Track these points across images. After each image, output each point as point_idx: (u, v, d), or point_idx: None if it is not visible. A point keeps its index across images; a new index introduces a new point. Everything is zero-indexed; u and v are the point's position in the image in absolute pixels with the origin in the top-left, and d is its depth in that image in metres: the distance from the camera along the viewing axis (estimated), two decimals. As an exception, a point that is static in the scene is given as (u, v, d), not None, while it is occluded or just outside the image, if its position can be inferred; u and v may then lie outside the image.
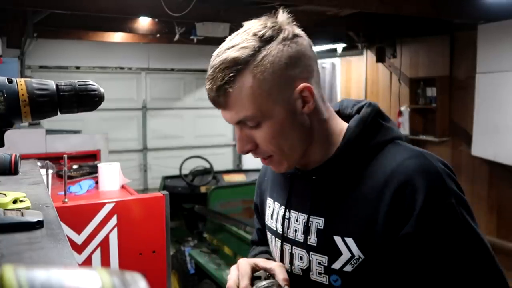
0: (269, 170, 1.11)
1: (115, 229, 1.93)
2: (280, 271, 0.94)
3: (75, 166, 2.91)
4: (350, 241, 0.88)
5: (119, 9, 4.35)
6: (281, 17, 0.89)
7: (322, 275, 0.92)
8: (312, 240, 0.94)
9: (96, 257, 1.90)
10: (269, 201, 1.08)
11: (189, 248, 4.83)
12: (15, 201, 0.84)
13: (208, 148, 7.99)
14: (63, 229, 0.76)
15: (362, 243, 0.87)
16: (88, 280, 0.36)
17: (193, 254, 4.43)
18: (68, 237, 0.80)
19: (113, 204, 1.93)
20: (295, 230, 0.97)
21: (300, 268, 0.96)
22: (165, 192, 2.02)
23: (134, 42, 6.84)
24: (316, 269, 0.93)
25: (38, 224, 0.75)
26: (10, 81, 0.70)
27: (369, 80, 6.84)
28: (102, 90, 0.78)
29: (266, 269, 0.96)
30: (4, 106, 0.69)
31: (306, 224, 0.95)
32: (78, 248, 1.86)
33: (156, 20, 5.49)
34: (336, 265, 0.90)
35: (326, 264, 0.91)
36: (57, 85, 0.74)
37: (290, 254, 0.98)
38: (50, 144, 3.78)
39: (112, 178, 2.36)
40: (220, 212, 4.80)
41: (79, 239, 1.87)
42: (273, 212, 1.05)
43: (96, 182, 2.45)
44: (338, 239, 0.89)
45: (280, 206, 1.03)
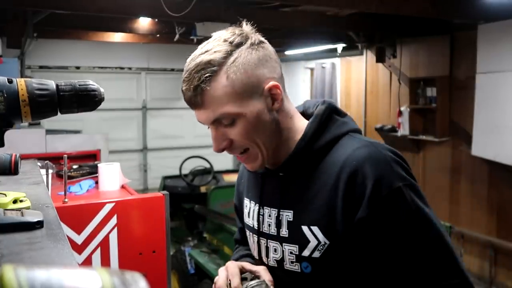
0: (245, 173, 1.19)
1: (115, 229, 1.93)
2: (265, 273, 1.04)
3: (75, 166, 2.90)
4: (315, 229, 0.96)
5: (119, 9, 4.35)
6: (246, 28, 0.98)
7: (294, 263, 1.00)
8: (284, 232, 1.02)
9: (96, 257, 1.90)
10: (246, 201, 1.16)
11: (189, 248, 4.83)
12: (15, 201, 0.84)
13: (208, 148, 7.93)
14: (63, 229, 0.76)
15: (326, 229, 0.95)
16: (88, 280, 0.36)
17: (193, 254, 4.43)
18: (68, 237, 0.80)
19: (113, 204, 1.93)
20: (269, 225, 1.06)
21: (275, 259, 1.05)
22: (165, 192, 2.02)
23: (134, 42, 6.84)
24: (289, 258, 1.01)
25: (38, 224, 0.75)
26: (10, 81, 0.70)
27: (369, 80, 6.84)
28: (102, 90, 0.78)
29: (252, 271, 1.05)
30: (4, 106, 0.69)
31: (277, 217, 1.03)
32: (78, 248, 1.86)
33: (156, 20, 5.49)
34: (306, 253, 0.97)
35: (297, 253, 0.99)
36: (57, 85, 0.74)
37: (266, 248, 1.07)
38: (50, 144, 3.78)
39: (112, 178, 2.36)
40: (220, 212, 4.81)
41: (79, 239, 1.87)
42: (250, 211, 1.13)
43: (96, 182, 2.45)
44: (305, 228, 0.97)
45: (255, 204, 1.11)
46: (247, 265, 1.07)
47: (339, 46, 6.84)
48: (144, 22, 5.67)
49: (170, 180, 6.20)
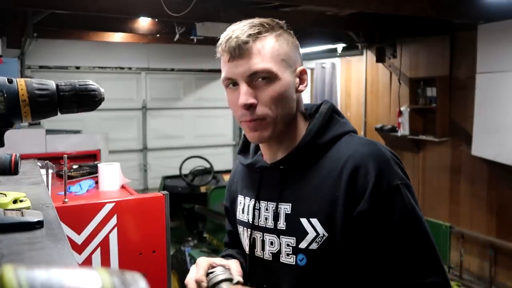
0: (238, 172, 1.23)
1: (115, 229, 1.93)
2: (235, 266, 1.07)
3: (75, 166, 2.90)
4: (315, 221, 0.99)
5: (119, 9, 4.35)
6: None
7: (290, 256, 1.03)
8: (282, 224, 1.04)
9: (96, 257, 1.90)
10: (240, 198, 1.18)
11: (189, 248, 4.83)
12: (15, 201, 0.84)
13: (208, 148, 7.99)
14: (63, 229, 0.76)
15: (326, 222, 0.98)
16: (89, 280, 0.36)
17: (193, 254, 4.43)
18: (68, 237, 0.80)
19: (113, 204, 1.93)
20: (265, 218, 1.08)
21: (271, 252, 1.07)
22: (165, 192, 2.02)
23: (134, 42, 6.84)
24: (285, 251, 1.04)
25: (38, 224, 0.75)
26: (10, 81, 0.70)
27: (369, 80, 6.84)
28: (102, 90, 0.78)
29: (223, 265, 1.06)
30: (4, 106, 0.69)
31: (275, 211, 1.06)
32: (78, 248, 1.86)
33: (156, 20, 5.49)
34: (303, 244, 1.00)
35: (294, 245, 1.02)
36: (57, 85, 0.74)
37: (262, 241, 1.09)
38: (50, 144, 3.78)
39: (112, 178, 2.36)
40: (220, 212, 4.80)
41: (79, 239, 1.87)
42: (244, 207, 1.16)
43: (96, 182, 2.45)
44: (304, 221, 1.00)
45: (250, 199, 1.13)
46: (218, 260, 1.09)
47: (339, 46, 6.84)
48: (144, 22, 5.67)
49: (170, 180, 6.21)
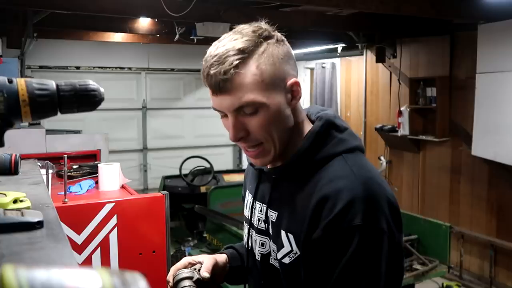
0: (249, 167, 1.24)
1: (115, 229, 1.93)
2: (207, 261, 1.12)
3: (75, 166, 2.90)
4: (291, 237, 1.00)
5: (119, 9, 4.34)
6: (267, 25, 1.00)
7: (275, 260, 1.05)
8: (270, 230, 1.07)
9: (96, 257, 1.90)
10: (247, 194, 1.22)
11: (189, 248, 4.83)
12: (15, 201, 0.84)
13: (208, 148, 7.99)
14: (63, 229, 0.76)
15: (299, 240, 0.98)
16: (89, 280, 0.36)
17: (193, 254, 4.43)
18: (68, 237, 0.80)
19: (113, 204, 1.93)
20: (258, 219, 1.11)
21: (260, 253, 1.10)
22: (165, 192, 2.02)
23: (134, 42, 6.84)
24: (272, 256, 1.07)
25: (38, 224, 0.75)
26: (10, 81, 0.70)
27: (369, 80, 6.84)
28: (102, 90, 0.78)
29: (198, 262, 1.12)
30: (4, 106, 0.69)
31: (266, 215, 1.09)
32: (78, 248, 1.86)
33: (156, 20, 5.49)
34: (279, 255, 1.02)
35: (276, 252, 1.04)
36: (57, 85, 0.74)
37: (254, 241, 1.13)
38: (50, 144, 3.78)
39: (112, 178, 2.36)
40: (220, 212, 4.81)
41: (79, 239, 1.87)
42: (247, 202, 1.19)
43: (96, 182, 2.45)
44: (283, 233, 1.01)
45: (251, 197, 1.16)
46: (196, 257, 1.15)
47: (339, 46, 6.84)
48: (144, 22, 5.67)
49: (170, 180, 6.20)
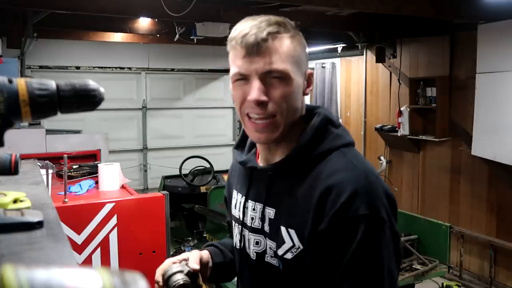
0: (235, 166, 1.25)
1: (115, 229, 1.93)
2: (193, 255, 1.14)
3: (75, 166, 2.90)
4: (292, 232, 1.01)
5: (119, 9, 4.34)
6: None
7: (273, 258, 1.06)
8: (266, 227, 1.07)
9: (96, 257, 1.90)
10: (234, 193, 1.22)
11: (189, 248, 4.83)
12: (15, 201, 0.84)
13: (208, 148, 7.99)
14: (63, 229, 0.76)
15: (301, 235, 0.99)
16: (89, 280, 0.36)
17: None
18: (68, 237, 0.80)
19: (113, 204, 1.93)
20: (252, 218, 1.12)
21: (255, 252, 1.11)
22: (165, 192, 2.02)
23: (134, 42, 6.84)
24: (269, 253, 1.07)
25: (38, 224, 0.75)
26: (10, 81, 0.70)
27: (369, 80, 6.84)
28: (102, 90, 0.78)
29: (184, 259, 1.12)
30: (4, 106, 0.69)
31: (262, 212, 1.08)
32: (78, 248, 1.86)
33: (156, 20, 5.49)
34: (280, 252, 1.03)
35: (275, 250, 1.05)
36: (57, 85, 0.74)
37: (248, 240, 1.13)
38: (50, 144, 3.78)
39: (112, 178, 2.36)
40: (220, 212, 4.80)
41: (79, 239, 1.87)
42: (236, 202, 1.19)
43: (96, 182, 2.45)
44: (283, 229, 1.02)
45: (242, 197, 1.16)
46: (181, 256, 1.15)
47: (339, 46, 6.84)
48: (144, 22, 5.67)
49: (170, 180, 6.20)
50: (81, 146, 3.86)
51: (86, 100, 0.75)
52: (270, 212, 1.06)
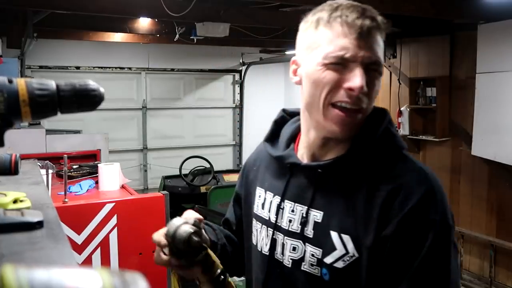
0: (262, 159, 1.13)
1: (115, 229, 1.93)
2: (191, 214, 1.02)
3: (75, 166, 2.90)
4: (346, 238, 0.90)
5: (119, 9, 4.34)
6: None
7: (314, 266, 0.94)
8: (309, 232, 0.96)
9: (96, 257, 1.90)
10: (259, 191, 1.10)
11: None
12: (15, 201, 0.84)
13: (208, 148, 7.99)
14: (63, 229, 0.76)
15: (358, 241, 0.90)
16: (89, 280, 0.36)
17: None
18: (68, 237, 0.80)
19: (113, 204, 1.94)
20: (290, 221, 0.99)
21: (291, 258, 0.98)
22: (165, 192, 2.02)
23: (134, 42, 6.84)
24: (309, 261, 0.95)
25: (38, 224, 0.75)
26: (10, 81, 0.70)
27: (369, 80, 6.83)
28: (102, 90, 0.78)
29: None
30: (4, 106, 0.69)
31: (304, 216, 0.97)
32: (78, 248, 1.86)
33: (156, 20, 5.49)
34: (328, 259, 0.92)
35: (320, 257, 0.93)
36: (57, 85, 0.74)
37: (282, 244, 1.00)
38: (50, 144, 3.78)
39: (112, 178, 2.36)
40: (220, 212, 4.80)
41: (79, 239, 1.87)
42: (265, 202, 1.07)
43: (96, 182, 2.45)
44: (334, 235, 0.92)
45: (274, 196, 1.04)
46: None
47: (339, 46, 6.82)
48: (144, 22, 5.67)
49: (170, 180, 6.20)
50: (81, 146, 3.86)
51: (86, 100, 0.75)
52: (317, 215, 0.95)
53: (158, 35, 6.00)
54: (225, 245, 1.16)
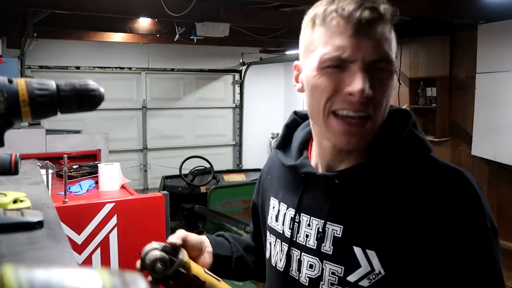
0: (274, 168, 1.05)
1: (115, 229, 1.93)
2: (175, 234, 1.01)
3: (75, 166, 2.90)
4: (371, 254, 0.82)
5: (119, 9, 4.34)
6: None
7: (335, 286, 0.86)
8: (327, 248, 0.87)
9: (96, 257, 1.90)
10: (273, 202, 1.02)
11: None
12: (15, 201, 0.84)
13: (208, 148, 7.99)
14: (63, 229, 0.76)
15: (385, 257, 0.81)
16: (89, 280, 0.36)
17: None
18: (68, 237, 0.80)
19: (113, 204, 1.94)
20: (306, 236, 0.91)
21: (308, 276, 0.90)
22: (165, 192, 2.02)
23: (134, 42, 6.84)
24: (329, 280, 0.86)
25: (38, 224, 0.75)
26: (10, 81, 0.70)
27: (369, 80, 6.83)
28: (102, 90, 0.78)
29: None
30: (4, 106, 0.69)
31: (321, 230, 0.88)
32: (78, 248, 1.86)
33: (156, 20, 5.49)
34: (352, 278, 0.83)
35: (341, 275, 0.85)
36: (57, 85, 0.74)
37: (298, 261, 0.92)
38: (50, 144, 3.78)
39: (112, 178, 2.36)
40: (220, 212, 4.81)
41: (79, 239, 1.87)
42: (279, 214, 0.99)
43: (96, 182, 2.46)
44: (358, 250, 0.83)
45: (287, 208, 0.96)
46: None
47: (339, 46, 6.82)
48: (144, 22, 5.67)
49: (170, 180, 6.20)
50: (81, 146, 3.86)
51: (86, 100, 0.75)
52: (336, 230, 0.86)
53: (158, 35, 6.00)
54: (242, 257, 1.12)
